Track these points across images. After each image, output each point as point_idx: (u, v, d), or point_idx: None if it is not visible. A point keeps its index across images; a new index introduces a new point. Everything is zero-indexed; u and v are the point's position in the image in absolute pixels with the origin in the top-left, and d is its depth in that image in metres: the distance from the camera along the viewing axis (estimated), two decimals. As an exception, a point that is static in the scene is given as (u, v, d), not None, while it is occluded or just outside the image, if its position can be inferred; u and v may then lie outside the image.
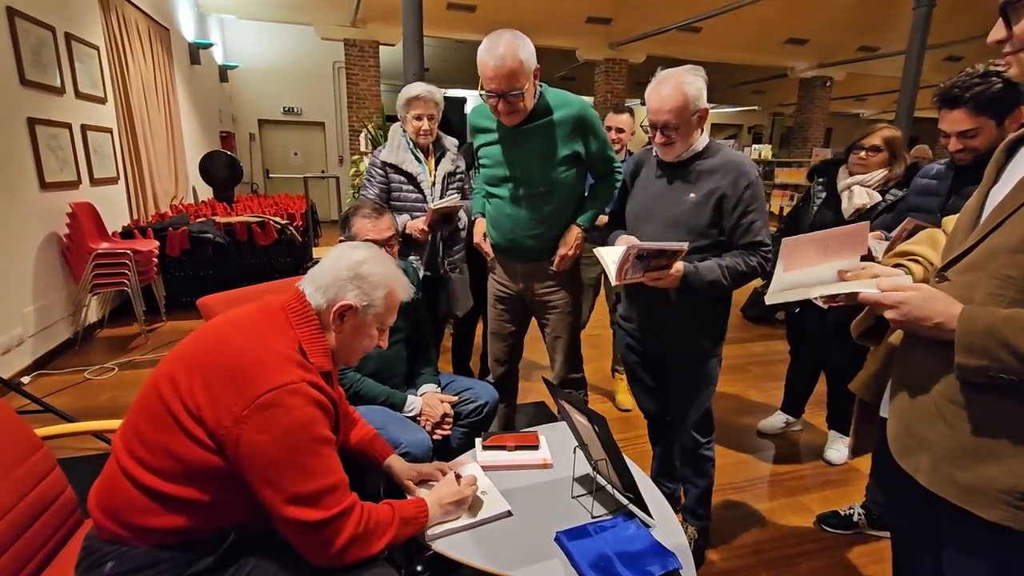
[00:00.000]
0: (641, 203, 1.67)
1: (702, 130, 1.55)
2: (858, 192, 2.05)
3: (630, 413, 2.83)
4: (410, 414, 1.69)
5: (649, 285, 1.52)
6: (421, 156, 2.27)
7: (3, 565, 1.05)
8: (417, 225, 2.16)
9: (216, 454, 0.94)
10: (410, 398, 1.71)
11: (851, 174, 2.11)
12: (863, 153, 2.05)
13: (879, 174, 2.04)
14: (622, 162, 2.55)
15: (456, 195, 2.26)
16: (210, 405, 0.94)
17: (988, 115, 1.46)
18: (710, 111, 1.63)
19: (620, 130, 2.69)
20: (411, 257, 2.26)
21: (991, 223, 0.80)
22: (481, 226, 2.01)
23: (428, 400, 1.73)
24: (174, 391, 0.96)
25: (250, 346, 0.99)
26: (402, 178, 2.23)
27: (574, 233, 1.87)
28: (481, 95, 1.71)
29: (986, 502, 0.78)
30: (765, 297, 1.04)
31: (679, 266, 1.50)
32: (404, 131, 2.26)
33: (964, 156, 1.56)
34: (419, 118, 2.20)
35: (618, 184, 1.91)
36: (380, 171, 2.25)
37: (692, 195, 1.54)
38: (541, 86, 1.75)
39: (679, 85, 1.46)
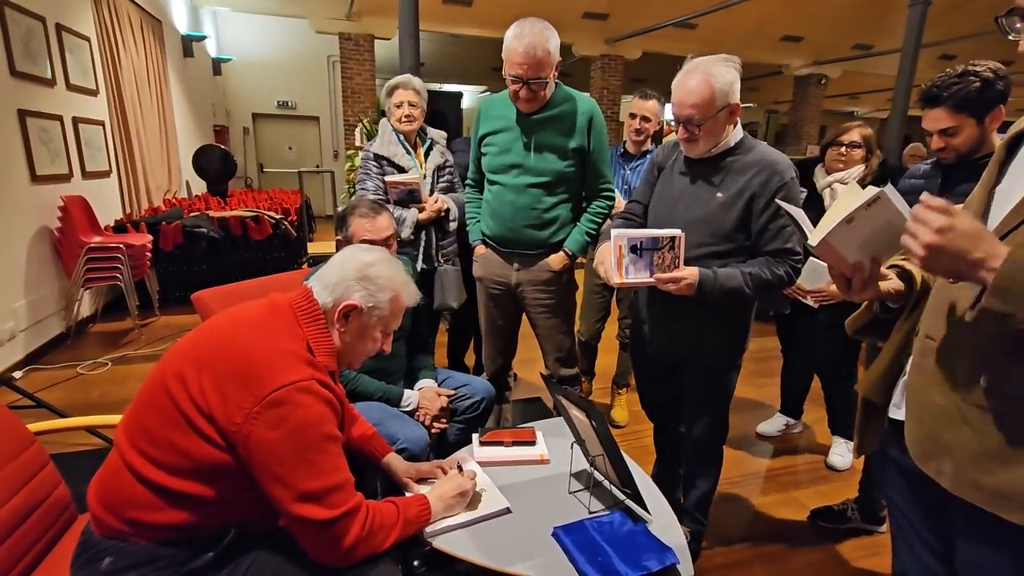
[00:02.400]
0: (663, 201, 1.56)
1: (734, 125, 1.44)
2: (840, 190, 2.06)
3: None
4: (407, 409, 1.68)
5: (661, 290, 1.42)
6: (410, 149, 2.28)
7: (-4, 562, 1.04)
8: (426, 212, 2.20)
9: (226, 451, 0.94)
10: (407, 393, 1.71)
11: (828, 172, 2.12)
12: (843, 149, 2.07)
13: (857, 170, 2.06)
14: (646, 153, 2.52)
15: (417, 175, 2.26)
16: (221, 403, 0.93)
17: (967, 113, 1.46)
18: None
19: (646, 119, 2.43)
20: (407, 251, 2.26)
21: (1010, 223, 0.78)
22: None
23: (425, 394, 1.73)
24: (183, 389, 0.96)
25: (260, 344, 0.99)
26: (393, 171, 2.24)
27: (560, 257, 1.89)
28: (507, 78, 1.73)
29: (1014, 506, 0.78)
30: (809, 243, 0.94)
31: (694, 272, 1.40)
32: (391, 125, 2.27)
33: (946, 155, 1.57)
34: (400, 105, 2.22)
35: (608, 211, 1.92)
36: (375, 163, 2.26)
37: (720, 195, 1.44)
38: (556, 82, 1.80)
39: (706, 77, 1.34)
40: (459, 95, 9.21)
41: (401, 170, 2.24)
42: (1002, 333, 0.75)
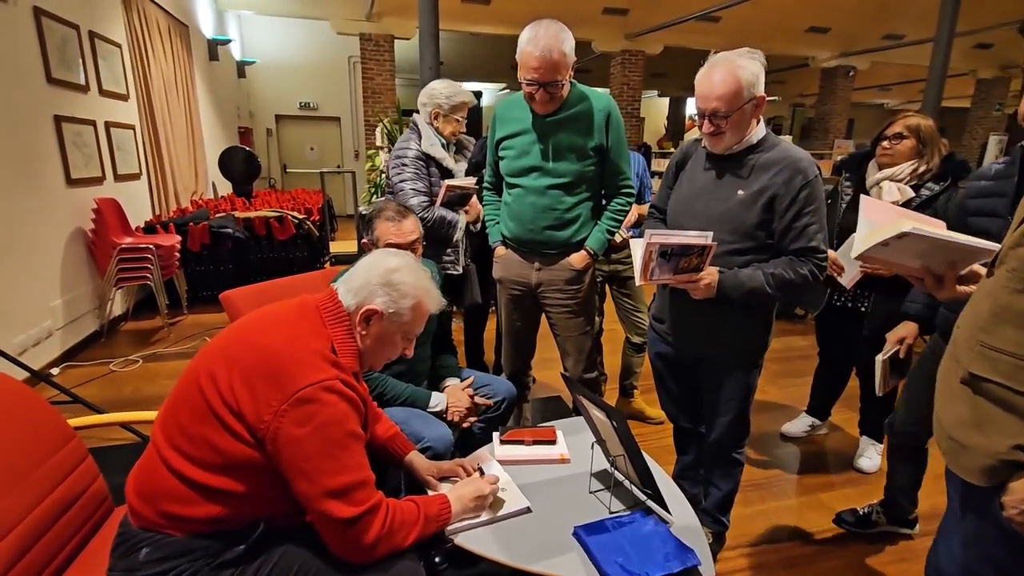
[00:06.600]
0: (684, 198, 1.56)
1: (758, 121, 1.44)
2: (888, 188, 1.96)
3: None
4: (435, 410, 1.69)
5: (679, 289, 1.43)
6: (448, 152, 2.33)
7: (37, 552, 1.08)
8: (472, 215, 2.26)
9: (256, 449, 0.97)
10: (434, 395, 1.72)
11: (880, 167, 2.02)
12: (886, 143, 1.97)
13: (908, 166, 1.94)
14: None
15: (470, 180, 2.28)
16: (250, 401, 0.96)
17: None
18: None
19: None
20: (447, 254, 2.30)
21: (1016, 221, 0.84)
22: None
23: (452, 392, 1.74)
24: (214, 386, 0.99)
25: (288, 344, 1.02)
26: (436, 172, 2.26)
27: (581, 256, 1.89)
28: (522, 81, 1.72)
29: (976, 466, 0.82)
30: (852, 252, 1.00)
31: (713, 273, 1.40)
32: (433, 126, 2.28)
33: None
34: (459, 120, 2.29)
35: (628, 208, 1.92)
36: (423, 163, 2.25)
37: (740, 192, 1.43)
38: (571, 81, 1.78)
39: (732, 69, 1.34)
40: (478, 94, 9.25)
41: (448, 172, 2.28)
42: None
